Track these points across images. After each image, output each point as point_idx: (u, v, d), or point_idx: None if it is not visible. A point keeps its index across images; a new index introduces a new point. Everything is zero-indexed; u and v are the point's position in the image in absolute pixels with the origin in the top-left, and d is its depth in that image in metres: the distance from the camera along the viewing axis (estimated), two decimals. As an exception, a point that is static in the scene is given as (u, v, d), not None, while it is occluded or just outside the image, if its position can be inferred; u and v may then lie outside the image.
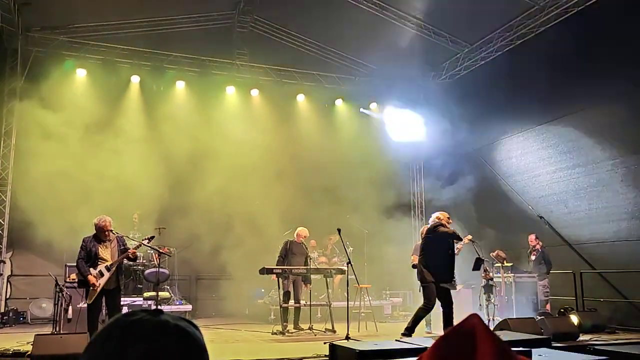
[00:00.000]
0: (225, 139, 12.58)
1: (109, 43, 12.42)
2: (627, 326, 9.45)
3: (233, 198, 12.08)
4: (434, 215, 8.09)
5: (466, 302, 12.24)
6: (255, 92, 13.85)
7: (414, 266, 8.62)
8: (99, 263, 7.29)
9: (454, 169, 13.60)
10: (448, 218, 8.11)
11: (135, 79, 12.81)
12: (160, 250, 8.41)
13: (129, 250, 7.42)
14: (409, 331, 7.57)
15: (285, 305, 9.20)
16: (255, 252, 11.45)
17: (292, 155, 13.11)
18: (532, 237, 10.76)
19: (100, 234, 7.31)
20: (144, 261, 11.37)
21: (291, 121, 13.86)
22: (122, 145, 11.85)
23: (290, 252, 9.73)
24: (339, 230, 8.35)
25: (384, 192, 13.48)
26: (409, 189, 14.86)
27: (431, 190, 14.14)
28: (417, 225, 14.50)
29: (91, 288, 7.21)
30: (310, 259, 9.59)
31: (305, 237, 9.90)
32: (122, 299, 9.11)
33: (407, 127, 14.57)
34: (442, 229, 7.78)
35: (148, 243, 8.09)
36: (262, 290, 12.11)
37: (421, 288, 7.90)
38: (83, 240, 7.32)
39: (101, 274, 7.32)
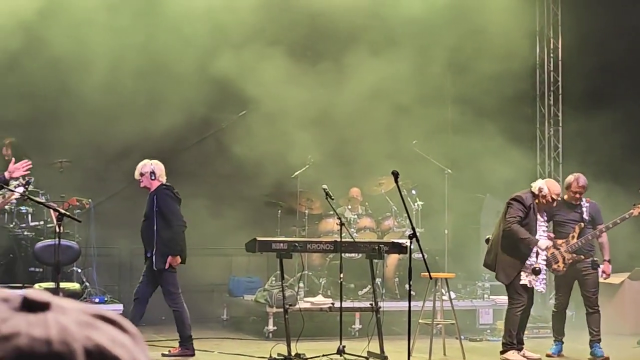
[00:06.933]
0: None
1: None
2: None
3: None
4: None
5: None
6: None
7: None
8: None
9: (607, 76, 10.82)
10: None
11: None
12: (60, 210, 6.09)
13: None
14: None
15: (292, 308, 7.33)
16: (250, 209, 9.35)
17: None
18: None
19: None
20: (34, 224, 8.51)
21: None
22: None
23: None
24: (395, 175, 6.32)
25: (486, 111, 10.20)
26: (532, 106, 11.44)
27: (569, 112, 11.05)
28: (546, 165, 11.08)
29: None
30: (343, 222, 7.19)
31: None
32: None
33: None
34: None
35: (24, 192, 6.48)
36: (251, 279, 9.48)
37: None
38: None
39: None
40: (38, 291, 0.52)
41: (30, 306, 0.50)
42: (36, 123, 8.59)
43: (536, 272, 7.05)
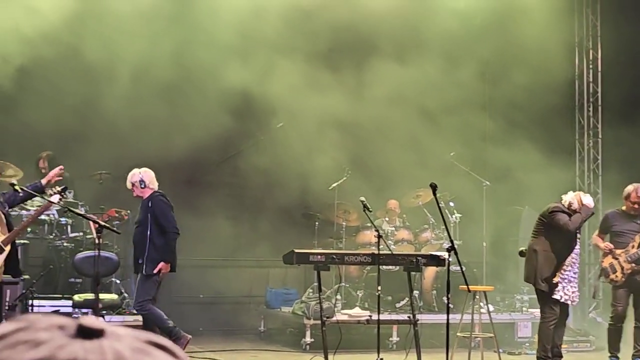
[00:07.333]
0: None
1: None
2: None
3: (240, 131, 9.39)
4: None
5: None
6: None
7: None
8: None
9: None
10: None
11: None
12: (100, 222, 6.14)
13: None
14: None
15: (330, 320, 7.30)
16: (286, 221, 9.27)
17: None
18: None
19: None
20: (73, 236, 8.41)
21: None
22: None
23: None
24: (433, 188, 6.45)
25: (524, 122, 10.16)
26: (571, 118, 11.15)
27: (608, 123, 10.88)
28: (585, 176, 10.87)
29: None
30: (381, 234, 7.08)
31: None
32: (38, 302, 7.78)
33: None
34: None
35: (59, 201, 6.37)
36: (288, 290, 9.40)
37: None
38: None
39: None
40: (93, 318, 0.54)
41: (86, 333, 0.51)
42: (72, 135, 8.48)
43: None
